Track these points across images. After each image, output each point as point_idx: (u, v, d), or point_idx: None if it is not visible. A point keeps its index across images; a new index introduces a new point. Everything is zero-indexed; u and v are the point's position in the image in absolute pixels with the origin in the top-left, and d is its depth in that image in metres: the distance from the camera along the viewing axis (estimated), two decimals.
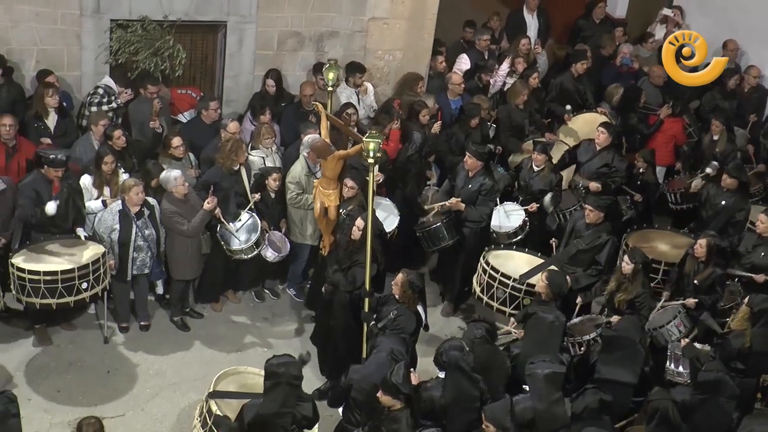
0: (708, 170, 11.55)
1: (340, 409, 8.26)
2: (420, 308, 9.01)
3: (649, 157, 12.04)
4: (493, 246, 10.62)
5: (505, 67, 13.08)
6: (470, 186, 10.84)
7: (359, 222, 9.36)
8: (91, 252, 9.63)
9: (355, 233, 9.40)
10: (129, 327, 10.41)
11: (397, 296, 8.85)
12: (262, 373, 7.66)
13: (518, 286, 9.85)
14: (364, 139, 8.87)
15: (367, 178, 9.08)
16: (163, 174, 10.16)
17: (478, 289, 10.25)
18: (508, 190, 11.70)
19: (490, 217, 10.91)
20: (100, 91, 11.37)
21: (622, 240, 10.86)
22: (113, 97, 11.34)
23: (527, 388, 7.93)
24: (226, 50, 12.28)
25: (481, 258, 10.27)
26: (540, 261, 10.27)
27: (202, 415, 7.98)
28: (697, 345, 9.08)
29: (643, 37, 14.90)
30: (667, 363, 9.29)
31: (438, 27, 13.16)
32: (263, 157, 11.06)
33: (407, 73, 12.73)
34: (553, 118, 13.11)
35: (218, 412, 7.74)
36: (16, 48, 11.46)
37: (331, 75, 10.25)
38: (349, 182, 10.06)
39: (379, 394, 7.43)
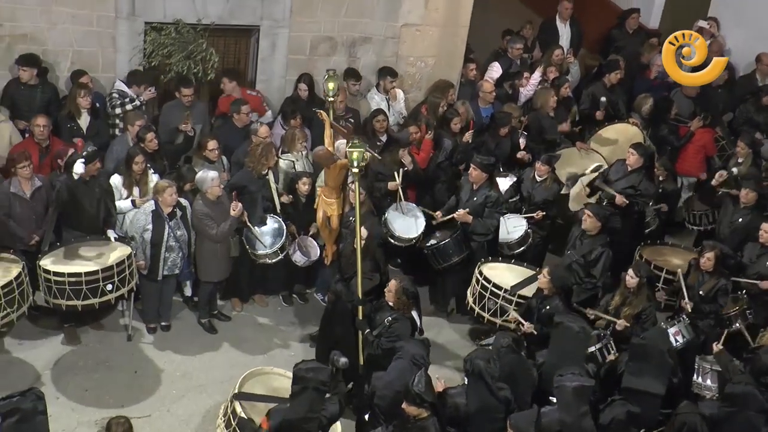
0: (734, 170, 11.46)
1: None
2: (414, 313, 9.01)
3: (669, 165, 11.95)
4: (490, 258, 10.53)
5: (537, 76, 13.04)
6: (475, 199, 10.75)
7: (363, 232, 9.33)
8: (117, 254, 9.69)
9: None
10: (156, 328, 10.46)
11: (391, 303, 8.84)
12: (288, 374, 7.67)
13: (509, 297, 9.79)
14: (347, 148, 8.76)
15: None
16: (200, 174, 10.21)
17: (470, 300, 10.22)
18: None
19: (497, 229, 10.81)
20: (115, 95, 11.45)
21: (636, 253, 10.81)
22: (127, 99, 11.39)
23: (554, 400, 7.89)
24: (259, 54, 12.33)
25: (476, 268, 10.22)
26: (534, 273, 10.16)
27: (226, 415, 8.01)
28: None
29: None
30: (695, 376, 9.23)
31: (471, 35, 13.13)
32: (294, 162, 11.09)
33: (439, 80, 12.72)
34: (584, 127, 13.04)
35: (243, 414, 7.75)
36: (51, 49, 11.58)
37: (331, 85, 10.09)
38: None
39: (404, 406, 7.40)
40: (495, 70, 13.52)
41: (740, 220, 10.91)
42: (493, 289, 9.91)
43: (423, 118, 11.90)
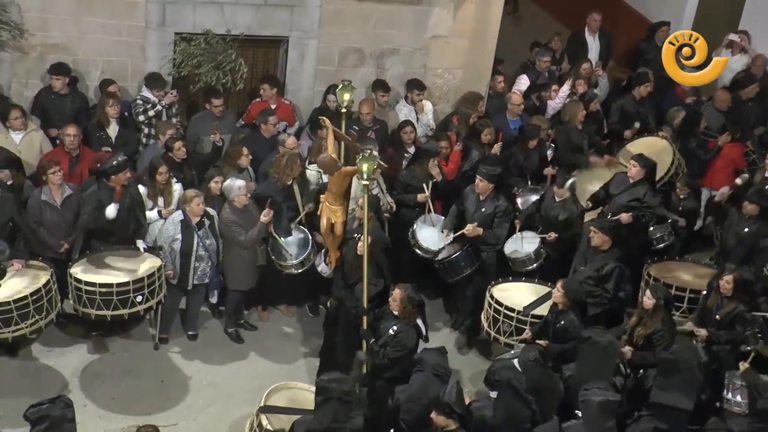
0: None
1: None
2: (419, 321, 8.91)
3: (692, 183, 11.80)
4: (500, 279, 10.38)
5: (566, 89, 12.99)
6: (484, 209, 10.62)
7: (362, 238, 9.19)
8: (147, 265, 9.73)
9: (359, 248, 9.22)
10: (168, 339, 10.46)
11: (396, 312, 8.74)
12: (312, 389, 7.67)
13: (523, 318, 9.67)
14: (357, 160, 8.67)
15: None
16: (227, 182, 10.25)
17: (485, 324, 10.08)
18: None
19: (505, 239, 10.72)
20: (139, 101, 11.53)
21: (644, 270, 10.63)
22: (149, 105, 11.45)
23: (579, 414, 7.83)
24: (288, 65, 12.39)
25: (487, 292, 10.10)
26: (547, 290, 9.99)
27: (252, 429, 7.99)
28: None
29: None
30: (724, 392, 9.12)
31: (499, 47, 13.12)
32: (320, 173, 11.08)
33: (467, 92, 12.71)
34: (612, 140, 12.98)
35: (269, 427, 7.73)
36: (82, 58, 11.69)
37: (346, 96, 9.95)
38: (360, 201, 9.80)
39: (432, 415, 7.39)
40: (523, 83, 13.50)
41: (746, 230, 10.76)
42: (506, 312, 9.77)
43: (454, 128, 11.89)
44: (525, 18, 15.68)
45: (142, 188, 10.31)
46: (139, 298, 9.50)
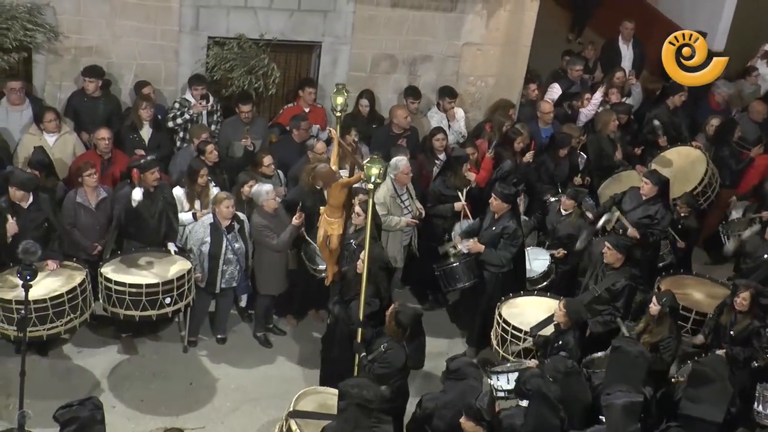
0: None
1: None
2: (405, 345, 8.65)
3: (692, 202, 11.58)
4: (511, 294, 10.18)
5: (598, 96, 12.93)
6: (493, 228, 10.41)
7: (363, 255, 8.94)
8: (177, 267, 9.76)
9: (360, 266, 9.04)
10: (197, 342, 10.48)
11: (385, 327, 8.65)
12: None
13: (531, 337, 9.51)
14: (365, 164, 8.51)
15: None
16: (255, 188, 10.27)
17: (494, 342, 9.94)
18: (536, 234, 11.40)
19: (510, 262, 10.47)
20: (176, 105, 11.58)
21: (656, 283, 10.49)
22: (185, 109, 11.50)
23: (603, 419, 7.79)
24: (320, 70, 12.40)
25: (496, 309, 9.94)
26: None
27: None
28: None
29: (747, 71, 14.57)
30: (755, 404, 9.01)
31: (532, 55, 13.07)
32: None
33: (499, 100, 12.69)
34: (645, 150, 12.89)
35: (298, 431, 7.71)
36: (115, 62, 11.76)
37: (339, 100, 9.53)
38: (358, 209, 9.79)
39: (462, 420, 7.37)
40: (555, 91, 13.45)
41: (765, 255, 10.53)
42: (514, 332, 9.64)
43: (486, 135, 11.85)
44: (559, 27, 15.59)
45: (176, 191, 10.34)
46: (167, 300, 9.54)
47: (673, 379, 9.22)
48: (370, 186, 8.45)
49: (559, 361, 8.27)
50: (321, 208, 9.63)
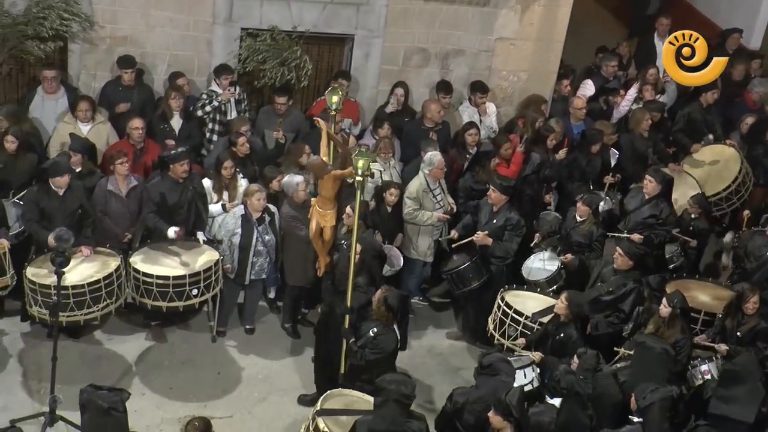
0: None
1: None
2: (395, 328, 8.70)
3: (704, 203, 11.43)
4: (515, 286, 10.22)
5: (632, 92, 12.84)
6: (495, 221, 10.42)
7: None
8: (205, 258, 9.80)
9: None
10: (226, 332, 10.51)
11: (373, 312, 8.63)
12: (366, 398, 7.71)
13: (530, 324, 9.47)
14: (353, 155, 8.46)
15: None
16: (286, 179, 10.29)
17: (491, 327, 9.89)
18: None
19: (515, 253, 10.52)
20: (204, 96, 11.59)
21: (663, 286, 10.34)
22: (210, 99, 11.52)
23: (634, 419, 7.76)
24: (352, 63, 12.40)
25: (499, 294, 9.92)
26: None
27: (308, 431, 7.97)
28: None
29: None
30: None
31: (566, 50, 13.00)
32: (380, 171, 11.08)
33: (531, 95, 12.63)
34: (678, 149, 12.78)
35: (326, 429, 7.70)
36: (149, 51, 11.83)
37: (334, 98, 9.42)
38: (349, 210, 9.67)
39: (490, 414, 7.37)
40: (588, 88, 13.35)
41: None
42: (514, 315, 9.57)
43: (519, 130, 11.81)
44: (593, 22, 15.48)
45: (206, 182, 10.38)
46: (194, 292, 9.59)
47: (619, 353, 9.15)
48: (358, 178, 8.35)
49: (589, 358, 8.22)
50: (313, 199, 9.59)
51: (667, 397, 7.53)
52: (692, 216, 11.30)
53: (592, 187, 11.68)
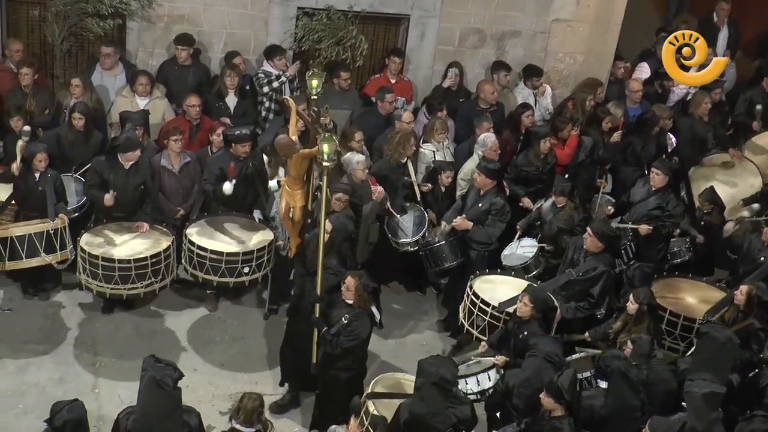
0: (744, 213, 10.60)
1: None
2: (374, 308, 8.61)
3: (714, 198, 10.96)
4: (487, 270, 9.93)
5: None
6: (480, 205, 10.16)
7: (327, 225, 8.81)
8: (259, 237, 9.86)
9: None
10: (278, 309, 10.51)
11: (350, 301, 8.36)
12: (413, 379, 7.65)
13: (497, 314, 9.18)
14: (318, 140, 8.26)
15: None
16: (347, 155, 10.27)
17: (461, 316, 9.63)
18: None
19: (497, 239, 10.28)
20: (261, 75, 11.60)
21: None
22: (273, 77, 11.51)
23: (684, 405, 7.65)
24: (407, 43, 12.36)
25: (468, 282, 9.65)
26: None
27: (359, 416, 7.99)
28: None
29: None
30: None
31: (623, 33, 12.82)
32: (434, 152, 11.06)
33: (587, 78, 12.47)
34: (739, 134, 12.56)
35: (375, 412, 7.71)
36: (206, 30, 11.90)
37: (314, 82, 9.03)
38: (338, 195, 9.56)
39: (542, 395, 7.34)
40: (644, 71, 13.18)
41: (762, 258, 9.87)
42: (481, 305, 9.25)
43: (569, 112, 11.71)
44: (650, 4, 15.23)
45: (266, 158, 10.43)
46: (246, 269, 9.64)
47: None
48: (326, 163, 8.19)
49: (643, 344, 8.14)
50: (282, 179, 9.49)
51: (717, 393, 7.37)
52: (704, 211, 10.92)
53: (646, 172, 11.52)
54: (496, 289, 9.58)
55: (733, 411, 8.05)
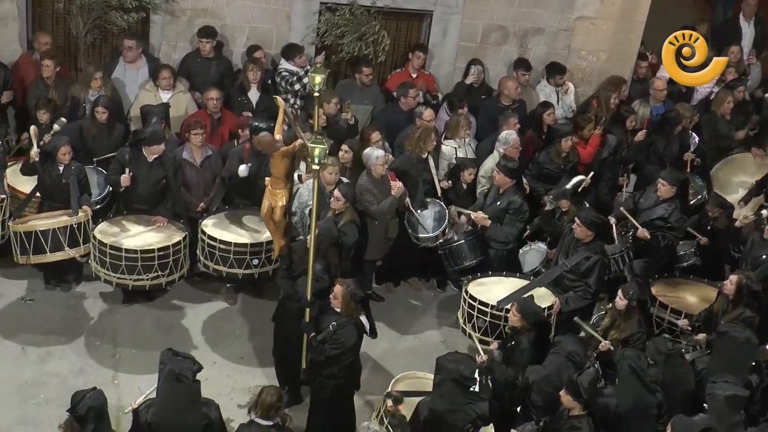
0: (764, 212, 10.44)
1: None
2: (363, 317, 8.45)
3: (722, 203, 10.86)
4: (479, 274, 9.87)
5: None
6: (498, 203, 10.19)
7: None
8: None
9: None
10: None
11: (338, 309, 8.23)
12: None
13: (497, 312, 9.14)
14: (309, 144, 8.15)
15: None
16: (367, 150, 10.24)
17: (461, 320, 9.59)
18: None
19: (516, 238, 10.27)
20: (285, 73, 11.54)
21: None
22: (295, 78, 11.45)
23: (705, 406, 7.62)
24: (430, 39, 12.35)
25: (462, 288, 9.63)
26: (525, 283, 9.58)
27: (379, 415, 7.99)
28: None
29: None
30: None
31: (647, 31, 12.75)
32: (456, 148, 11.04)
33: (611, 76, 12.37)
34: (760, 132, 12.47)
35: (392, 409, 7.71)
36: (229, 24, 11.94)
37: (318, 79, 8.77)
38: (336, 194, 9.52)
39: (561, 392, 7.33)
40: None
41: (764, 256, 9.84)
42: (480, 306, 9.24)
43: (593, 111, 11.66)
44: (676, 2, 15.13)
45: None
46: (255, 261, 9.68)
47: None
48: (315, 167, 8.10)
49: (660, 342, 8.12)
50: (266, 179, 9.38)
51: (740, 396, 7.32)
52: (713, 216, 10.76)
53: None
54: (491, 290, 9.60)
55: (752, 413, 8.01)
